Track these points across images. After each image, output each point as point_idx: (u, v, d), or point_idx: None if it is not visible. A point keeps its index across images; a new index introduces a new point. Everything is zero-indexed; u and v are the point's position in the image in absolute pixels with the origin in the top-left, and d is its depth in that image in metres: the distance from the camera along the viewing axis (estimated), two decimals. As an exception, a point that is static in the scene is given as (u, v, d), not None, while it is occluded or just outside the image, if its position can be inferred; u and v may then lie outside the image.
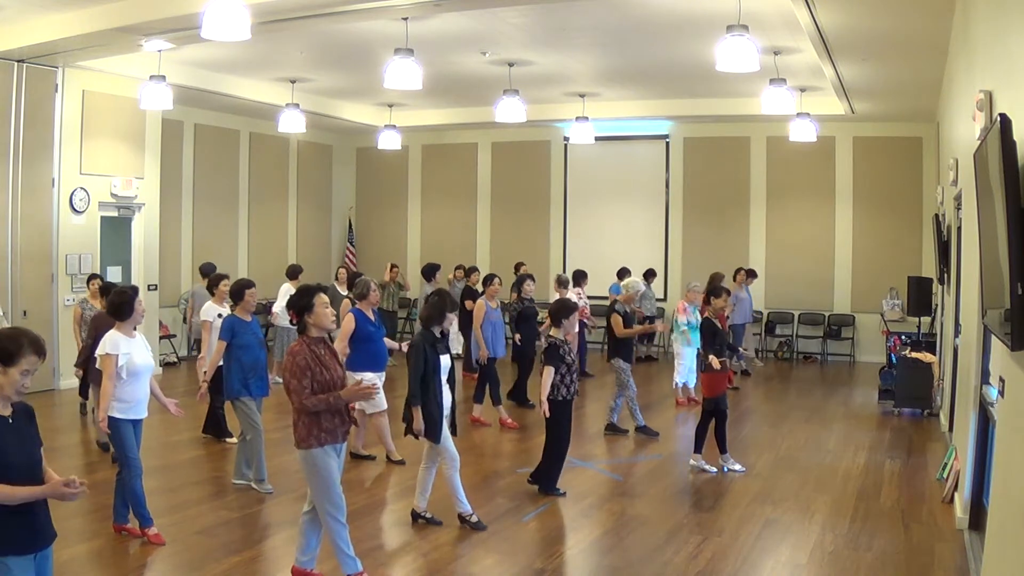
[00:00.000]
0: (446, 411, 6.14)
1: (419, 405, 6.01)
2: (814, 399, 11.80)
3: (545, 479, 7.16)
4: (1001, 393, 4.56)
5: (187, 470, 7.78)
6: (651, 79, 12.97)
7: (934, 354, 10.69)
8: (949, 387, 9.02)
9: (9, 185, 10.84)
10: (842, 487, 7.43)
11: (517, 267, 14.08)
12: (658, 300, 15.31)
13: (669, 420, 10.33)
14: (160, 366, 12.41)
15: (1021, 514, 3.60)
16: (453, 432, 6.30)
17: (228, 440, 8.59)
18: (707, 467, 7.83)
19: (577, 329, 12.12)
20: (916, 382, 10.30)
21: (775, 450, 8.75)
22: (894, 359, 11.04)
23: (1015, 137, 3.56)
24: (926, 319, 12.00)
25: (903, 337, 11.81)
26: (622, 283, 10.55)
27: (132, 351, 5.71)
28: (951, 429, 8.41)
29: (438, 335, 6.26)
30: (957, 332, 7.95)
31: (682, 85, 13.30)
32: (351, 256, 18.03)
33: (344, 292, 11.52)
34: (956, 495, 6.55)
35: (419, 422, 6.00)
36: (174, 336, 14.09)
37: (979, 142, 4.55)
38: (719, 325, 8.14)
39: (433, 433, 6.05)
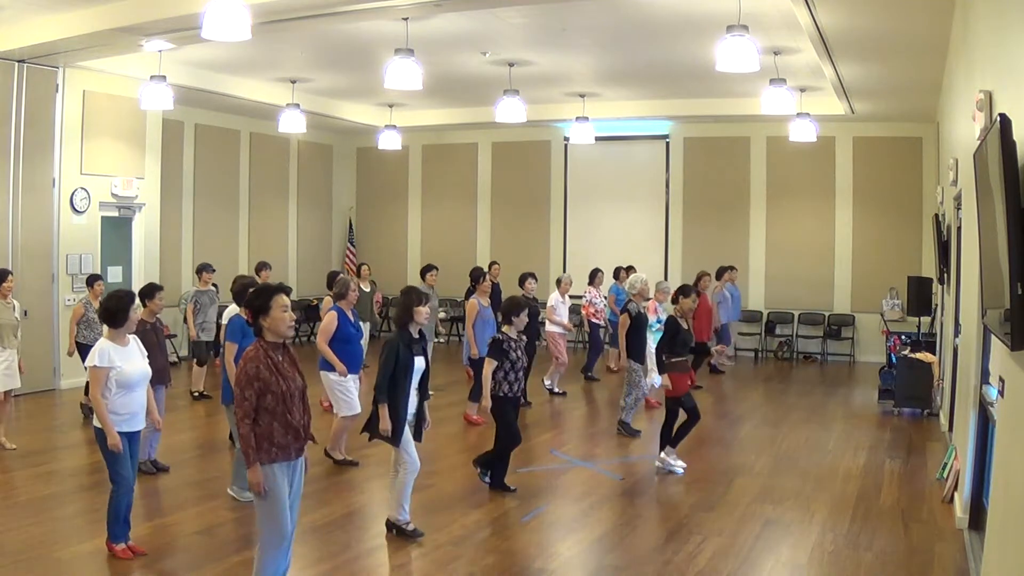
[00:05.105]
0: (409, 416, 5.93)
1: (385, 403, 5.83)
2: (814, 399, 11.79)
3: (494, 474, 7.17)
4: (1001, 393, 4.56)
5: (187, 470, 7.77)
6: (651, 79, 12.97)
7: (934, 354, 10.70)
8: (949, 387, 9.03)
9: (10, 185, 10.84)
10: (842, 487, 7.43)
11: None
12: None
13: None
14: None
15: (1021, 514, 3.60)
16: (418, 438, 6.07)
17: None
18: (675, 466, 7.79)
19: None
20: (916, 382, 10.30)
21: (775, 450, 8.75)
22: (894, 359, 11.04)
23: (1015, 137, 3.56)
24: (926, 319, 12.00)
25: (903, 337, 11.81)
26: (626, 282, 10.34)
27: (124, 362, 5.45)
28: (951, 429, 8.42)
29: (415, 335, 6.04)
30: (957, 332, 7.95)
31: (682, 85, 13.30)
32: (351, 256, 18.03)
33: (367, 289, 11.43)
34: (956, 495, 6.56)
35: (386, 421, 5.81)
36: (174, 336, 14.08)
37: (979, 142, 4.55)
38: (682, 325, 7.97)
39: (394, 436, 5.85)
